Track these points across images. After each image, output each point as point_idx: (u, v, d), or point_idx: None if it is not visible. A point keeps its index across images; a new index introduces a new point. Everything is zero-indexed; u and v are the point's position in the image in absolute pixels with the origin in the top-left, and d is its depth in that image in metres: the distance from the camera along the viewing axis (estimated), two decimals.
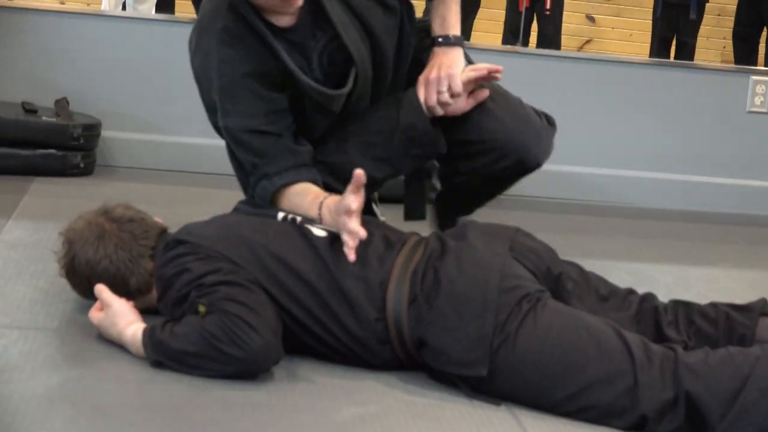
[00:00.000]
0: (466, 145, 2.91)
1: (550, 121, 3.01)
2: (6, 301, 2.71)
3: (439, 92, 2.70)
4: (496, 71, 2.73)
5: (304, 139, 2.88)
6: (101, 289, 2.42)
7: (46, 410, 2.12)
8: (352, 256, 2.31)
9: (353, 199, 2.34)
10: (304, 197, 2.71)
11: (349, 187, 2.37)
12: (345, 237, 2.35)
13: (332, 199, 2.60)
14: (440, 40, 2.84)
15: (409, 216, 3.07)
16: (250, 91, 2.74)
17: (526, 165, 2.96)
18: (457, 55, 2.83)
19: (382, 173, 2.86)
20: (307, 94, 2.80)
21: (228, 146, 2.91)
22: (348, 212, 2.35)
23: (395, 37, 2.88)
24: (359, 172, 2.33)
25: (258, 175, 2.78)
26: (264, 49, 2.74)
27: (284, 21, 2.72)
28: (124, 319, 2.38)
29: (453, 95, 2.70)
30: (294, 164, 2.79)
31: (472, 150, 2.92)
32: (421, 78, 2.79)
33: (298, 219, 2.55)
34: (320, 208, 2.61)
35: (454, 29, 2.87)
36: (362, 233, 2.31)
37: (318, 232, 2.50)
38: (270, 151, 2.78)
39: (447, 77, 2.72)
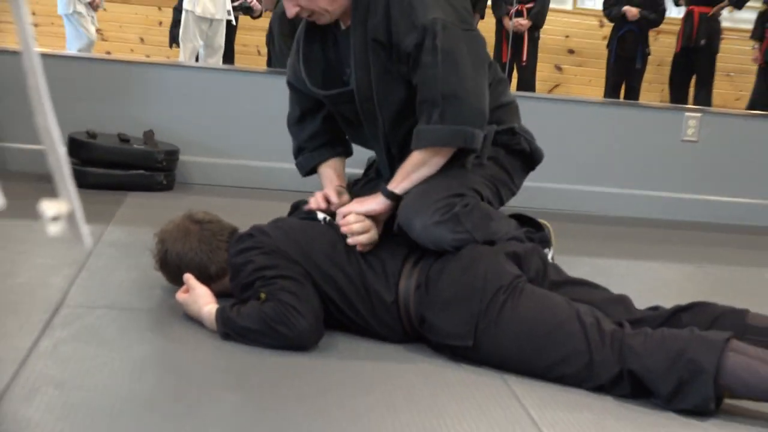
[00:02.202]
0: None
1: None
2: (108, 287, 2.75)
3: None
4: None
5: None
6: (189, 277, 2.50)
7: (140, 372, 2.16)
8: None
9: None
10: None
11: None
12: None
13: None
14: (383, 188, 2.53)
15: None
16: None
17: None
18: (376, 201, 2.49)
19: None
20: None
21: None
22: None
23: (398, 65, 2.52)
24: None
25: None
26: (317, 37, 2.68)
27: (344, 23, 2.60)
28: (203, 299, 2.44)
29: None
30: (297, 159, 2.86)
31: None
32: (344, 210, 2.50)
33: (334, 219, 2.55)
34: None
35: (396, 184, 2.48)
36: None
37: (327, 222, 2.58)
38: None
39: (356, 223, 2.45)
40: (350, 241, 2.42)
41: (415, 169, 2.47)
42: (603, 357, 2.19)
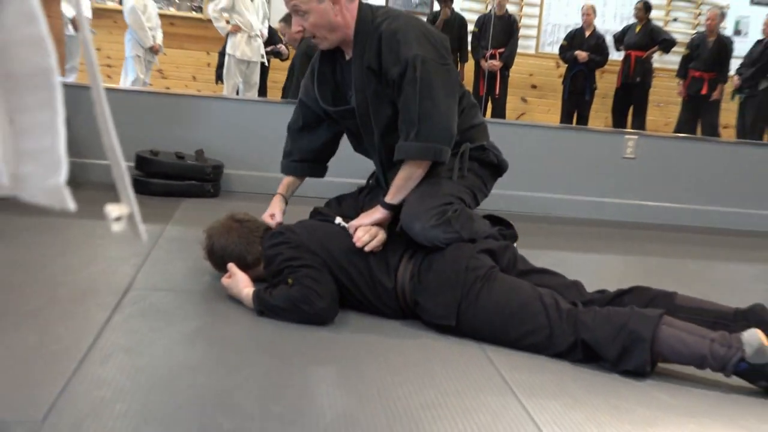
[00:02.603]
0: None
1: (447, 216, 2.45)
2: (167, 274, 2.75)
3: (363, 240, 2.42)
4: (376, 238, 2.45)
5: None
6: (232, 265, 2.52)
7: (192, 341, 2.17)
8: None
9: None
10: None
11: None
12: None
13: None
14: (381, 201, 2.52)
15: None
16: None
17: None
18: (377, 212, 2.48)
19: None
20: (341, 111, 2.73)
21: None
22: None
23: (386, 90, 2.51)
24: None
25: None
26: (327, 63, 2.70)
27: (348, 54, 2.61)
28: (243, 284, 2.45)
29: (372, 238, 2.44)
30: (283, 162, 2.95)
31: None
32: (355, 222, 2.49)
33: (346, 225, 2.55)
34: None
35: (391, 197, 2.48)
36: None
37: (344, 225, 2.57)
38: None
39: (366, 233, 2.43)
40: (366, 248, 2.41)
41: (404, 184, 2.47)
42: (561, 330, 2.21)
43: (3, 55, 0.66)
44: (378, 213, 2.50)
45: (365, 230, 2.45)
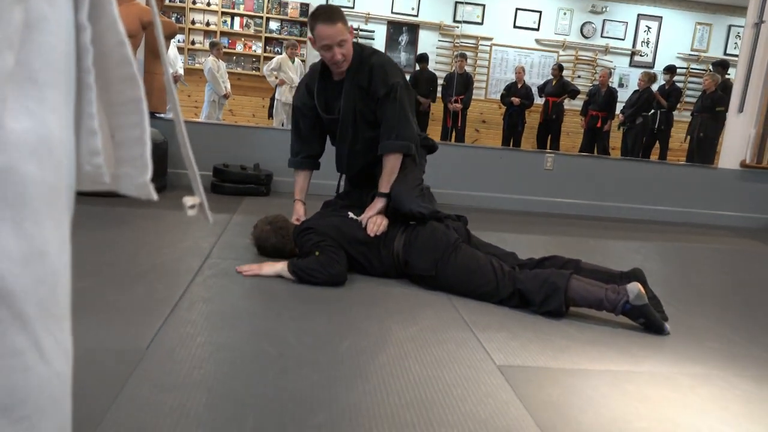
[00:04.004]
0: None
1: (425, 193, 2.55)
2: (233, 248, 2.68)
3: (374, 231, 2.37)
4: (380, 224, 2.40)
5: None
6: (252, 265, 2.35)
7: (249, 293, 2.12)
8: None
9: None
10: (296, 185, 2.76)
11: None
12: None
13: (297, 204, 2.73)
14: (376, 193, 2.49)
15: None
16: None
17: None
18: (376, 202, 2.46)
19: None
20: (328, 120, 2.62)
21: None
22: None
23: (368, 105, 2.50)
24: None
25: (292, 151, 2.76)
26: (320, 82, 2.57)
27: (336, 77, 2.54)
28: (270, 265, 2.31)
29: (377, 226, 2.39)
30: (292, 160, 2.75)
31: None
32: (363, 217, 2.42)
33: (356, 218, 2.46)
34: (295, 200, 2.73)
35: (382, 187, 2.46)
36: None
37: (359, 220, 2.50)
38: (294, 140, 2.73)
39: (374, 224, 2.38)
40: (378, 232, 2.37)
41: (388, 176, 2.46)
42: (504, 284, 2.18)
43: (108, 89, 0.63)
44: (379, 203, 2.45)
45: (372, 222, 2.40)
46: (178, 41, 8.22)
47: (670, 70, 8.43)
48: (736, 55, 5.03)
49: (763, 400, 1.64)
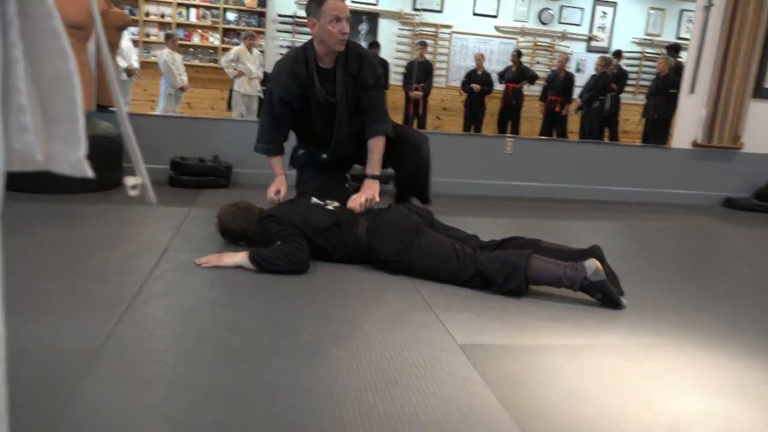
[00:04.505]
0: (391, 149, 2.82)
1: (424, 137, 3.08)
2: (192, 240, 2.64)
3: (362, 203, 2.50)
4: (372, 200, 2.58)
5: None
6: (212, 255, 2.32)
7: (210, 285, 2.09)
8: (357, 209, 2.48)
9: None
10: (275, 170, 2.86)
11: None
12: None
13: (280, 179, 2.83)
14: (367, 175, 2.70)
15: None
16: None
17: (420, 152, 2.98)
18: (371, 184, 2.66)
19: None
20: (317, 103, 2.72)
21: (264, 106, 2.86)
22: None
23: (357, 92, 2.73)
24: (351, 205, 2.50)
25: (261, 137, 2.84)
26: (306, 76, 2.69)
27: (326, 65, 2.69)
28: (230, 255, 2.28)
29: (368, 201, 2.54)
30: (263, 146, 2.85)
31: (402, 160, 2.97)
32: (355, 196, 2.54)
33: (320, 202, 2.50)
34: (272, 183, 2.81)
35: (374, 170, 2.68)
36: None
37: (330, 206, 2.49)
38: (268, 126, 2.80)
39: (365, 198, 2.53)
40: (365, 205, 2.51)
41: (378, 159, 2.69)
42: (465, 265, 2.20)
43: (37, 63, 0.61)
44: (374, 185, 2.65)
45: (361, 204, 2.50)
46: (132, 33, 8.02)
47: (617, 54, 8.60)
48: (688, 39, 5.15)
49: (711, 365, 1.70)
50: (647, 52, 9.66)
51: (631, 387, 1.53)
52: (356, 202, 2.49)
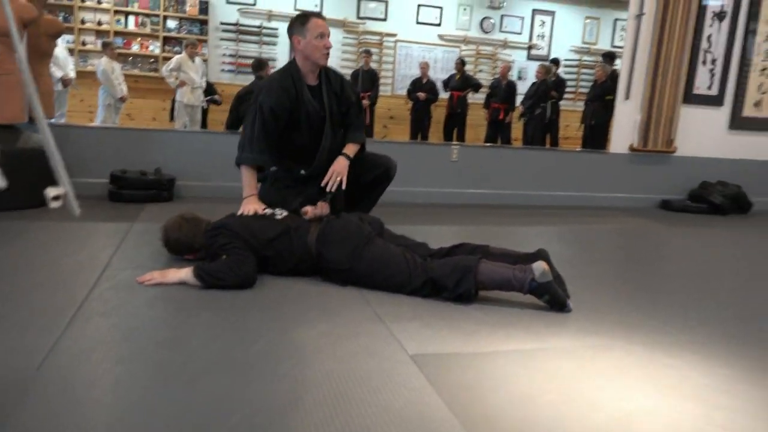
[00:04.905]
0: (366, 171, 3.05)
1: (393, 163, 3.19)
2: (134, 257, 2.54)
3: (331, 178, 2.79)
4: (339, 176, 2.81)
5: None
6: (155, 272, 2.23)
7: (152, 304, 2.02)
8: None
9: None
10: (248, 182, 2.75)
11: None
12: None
13: (251, 198, 2.69)
14: (341, 153, 2.88)
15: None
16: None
17: (389, 174, 3.14)
18: (342, 159, 2.85)
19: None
20: (306, 114, 2.81)
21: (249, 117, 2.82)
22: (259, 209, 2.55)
23: (339, 108, 2.92)
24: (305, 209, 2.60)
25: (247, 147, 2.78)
26: (295, 90, 2.78)
27: (310, 81, 2.84)
28: (175, 271, 2.20)
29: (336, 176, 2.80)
30: (255, 157, 2.79)
31: (367, 173, 3.06)
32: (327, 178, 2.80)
33: (269, 211, 2.49)
34: (248, 197, 2.70)
35: (348, 151, 2.89)
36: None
37: (279, 216, 2.45)
38: (259, 137, 2.79)
39: (334, 172, 2.81)
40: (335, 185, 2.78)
41: (353, 147, 2.91)
42: (416, 273, 2.20)
43: None
44: (342, 159, 2.84)
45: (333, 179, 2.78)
46: (68, 42, 7.72)
47: (555, 62, 8.86)
48: (622, 47, 5.35)
49: (656, 364, 1.75)
50: (585, 60, 9.99)
51: (580, 389, 1.55)
52: (324, 179, 2.75)
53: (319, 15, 2.84)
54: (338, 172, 2.80)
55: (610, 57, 7.63)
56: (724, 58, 5.27)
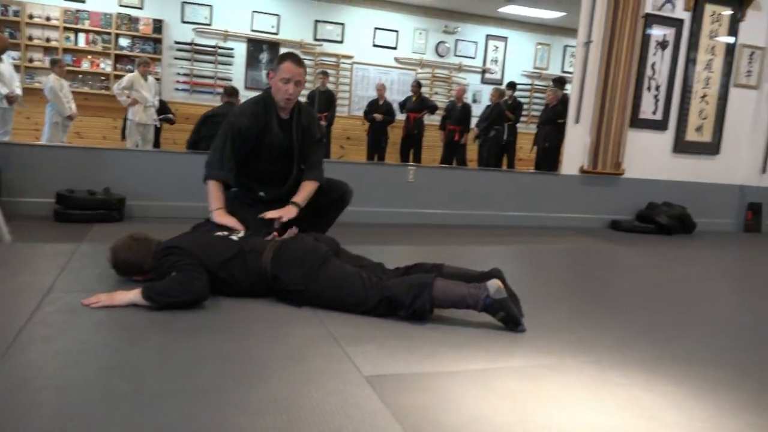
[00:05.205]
0: (324, 195, 3.03)
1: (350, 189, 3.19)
2: (80, 279, 2.45)
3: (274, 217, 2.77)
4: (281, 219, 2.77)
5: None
6: (101, 295, 2.15)
7: (98, 328, 1.94)
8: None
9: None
10: (216, 197, 2.80)
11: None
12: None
13: (220, 211, 2.76)
14: (291, 201, 2.87)
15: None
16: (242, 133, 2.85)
17: (345, 198, 3.15)
18: (291, 207, 2.84)
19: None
20: (270, 144, 2.87)
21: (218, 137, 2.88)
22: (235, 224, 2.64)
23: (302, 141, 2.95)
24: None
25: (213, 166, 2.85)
26: (264, 120, 2.85)
27: (282, 115, 2.90)
28: (123, 293, 2.14)
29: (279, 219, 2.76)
30: (225, 174, 2.85)
31: (324, 196, 3.03)
32: (273, 213, 2.78)
33: (225, 233, 2.44)
34: (217, 209, 2.76)
35: (298, 199, 2.87)
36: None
37: (234, 237, 2.41)
38: (228, 156, 2.83)
39: (279, 215, 2.78)
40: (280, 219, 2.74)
41: (305, 193, 2.90)
42: (372, 293, 2.19)
43: None
44: (291, 208, 2.82)
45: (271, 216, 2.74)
46: (13, 58, 7.49)
47: (511, 86, 9.09)
48: (572, 72, 5.52)
49: (606, 383, 1.77)
50: (537, 84, 10.27)
51: (533, 409, 1.56)
52: (269, 214, 2.72)
53: (295, 60, 2.86)
54: (284, 217, 2.78)
55: (560, 82, 7.86)
56: (667, 85, 5.51)
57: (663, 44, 5.45)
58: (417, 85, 8.53)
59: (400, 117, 8.49)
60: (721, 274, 3.92)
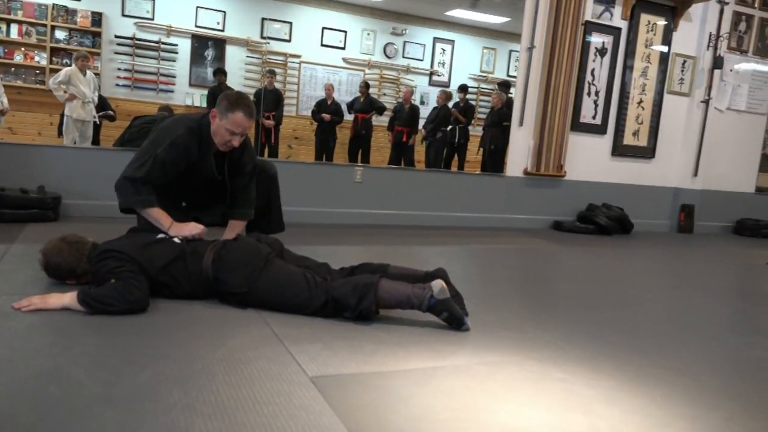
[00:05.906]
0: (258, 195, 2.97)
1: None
2: (11, 282, 2.35)
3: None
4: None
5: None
6: (34, 297, 2.07)
7: (31, 332, 1.86)
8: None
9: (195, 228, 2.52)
10: (162, 216, 2.56)
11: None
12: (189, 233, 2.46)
13: (177, 223, 2.55)
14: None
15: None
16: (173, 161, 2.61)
17: (270, 173, 3.11)
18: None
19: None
20: (199, 174, 2.71)
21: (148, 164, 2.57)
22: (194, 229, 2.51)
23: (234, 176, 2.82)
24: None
25: (143, 192, 2.58)
26: (198, 155, 2.66)
27: (221, 149, 2.68)
28: (57, 296, 2.06)
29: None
30: (147, 198, 2.60)
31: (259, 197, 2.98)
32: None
33: (165, 235, 2.39)
34: (171, 224, 2.54)
35: (230, 236, 2.67)
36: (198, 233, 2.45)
37: (176, 240, 2.36)
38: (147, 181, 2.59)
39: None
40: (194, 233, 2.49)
41: (233, 233, 2.83)
42: (317, 293, 2.18)
43: None
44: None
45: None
46: None
47: (463, 89, 9.22)
48: (516, 76, 5.64)
49: (547, 379, 1.82)
50: (483, 88, 10.45)
51: (475, 406, 1.59)
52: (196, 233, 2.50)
53: (249, 113, 2.59)
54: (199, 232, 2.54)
55: (505, 85, 8.03)
56: (606, 91, 5.70)
57: (602, 51, 5.65)
58: (365, 86, 8.54)
59: (348, 117, 8.48)
60: (657, 272, 4.09)
